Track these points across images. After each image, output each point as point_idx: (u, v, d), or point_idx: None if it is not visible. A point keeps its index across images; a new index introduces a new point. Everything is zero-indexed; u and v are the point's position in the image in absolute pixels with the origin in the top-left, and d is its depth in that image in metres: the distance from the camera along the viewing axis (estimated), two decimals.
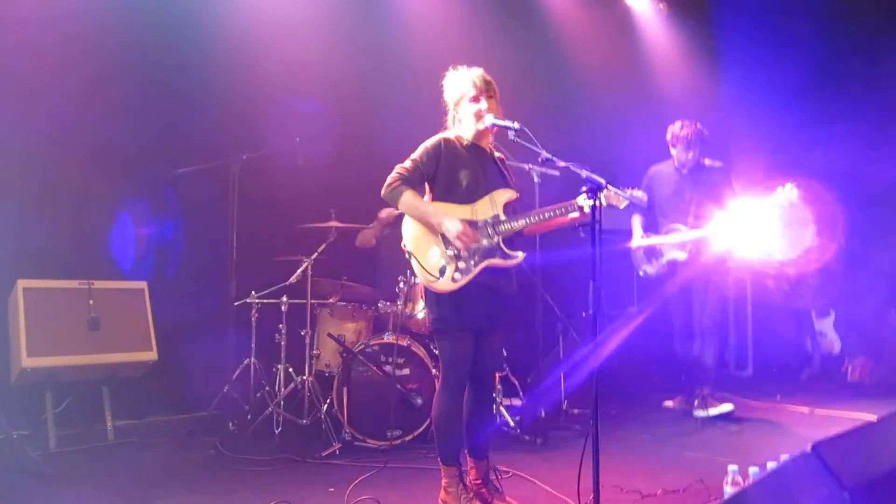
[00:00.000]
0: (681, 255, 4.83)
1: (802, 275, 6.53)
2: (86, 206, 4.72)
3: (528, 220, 3.01)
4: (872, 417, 3.02)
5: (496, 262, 2.99)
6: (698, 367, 4.85)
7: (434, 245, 2.99)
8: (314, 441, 4.14)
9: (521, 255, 3.03)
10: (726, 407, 4.70)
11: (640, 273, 5.12)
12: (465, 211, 3.01)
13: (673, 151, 4.94)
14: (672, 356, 5.35)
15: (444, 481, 3.08)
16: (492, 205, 3.03)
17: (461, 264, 2.95)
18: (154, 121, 4.88)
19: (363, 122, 5.55)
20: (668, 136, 4.94)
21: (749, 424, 4.65)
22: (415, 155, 3.08)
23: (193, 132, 4.95)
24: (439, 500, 3.07)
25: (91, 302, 4.23)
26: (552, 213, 3.01)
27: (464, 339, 3.00)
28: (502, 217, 3.03)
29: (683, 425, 4.68)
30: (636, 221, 5.06)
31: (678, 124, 4.88)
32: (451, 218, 2.94)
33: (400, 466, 3.73)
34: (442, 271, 2.95)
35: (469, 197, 3.03)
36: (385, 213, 4.83)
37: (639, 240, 4.99)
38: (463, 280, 2.95)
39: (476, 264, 2.96)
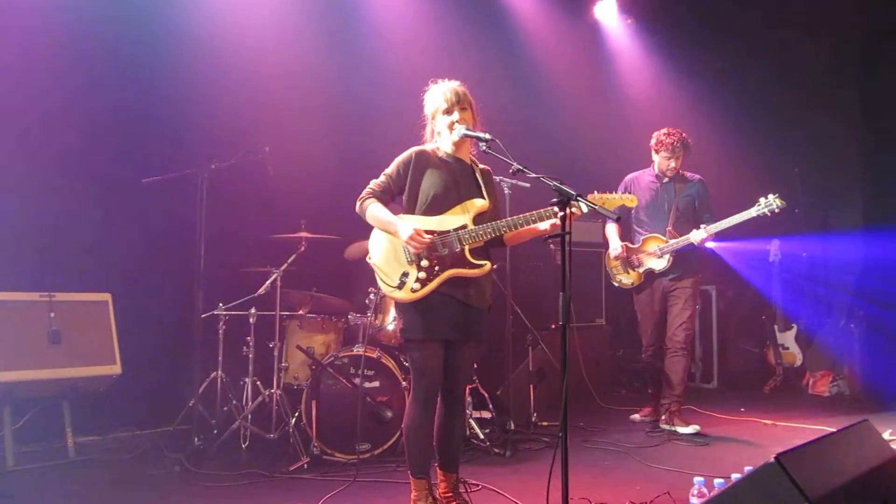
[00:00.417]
0: (660, 265, 4.83)
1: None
2: (48, 216, 4.62)
3: (495, 229, 3.00)
4: (832, 429, 3.09)
5: (460, 271, 2.99)
6: (666, 380, 4.89)
7: (397, 256, 3.02)
8: (282, 455, 4.09)
9: (487, 265, 3.02)
10: (693, 428, 4.69)
11: (615, 283, 5.09)
12: (431, 222, 3.02)
13: (655, 158, 4.95)
14: (640, 368, 5.40)
15: (413, 494, 3.07)
16: (462, 215, 3.04)
17: (421, 275, 2.97)
18: (120, 129, 4.81)
19: (334, 131, 5.55)
20: (653, 142, 4.94)
21: (714, 437, 4.71)
22: (388, 169, 3.13)
23: (160, 141, 4.89)
24: None
25: (52, 314, 4.14)
26: (524, 221, 2.99)
27: (432, 348, 3.00)
28: (470, 226, 3.02)
29: (650, 438, 4.72)
30: (613, 230, 5.03)
31: (664, 131, 4.89)
32: (405, 224, 2.95)
33: (369, 480, 3.70)
34: (402, 282, 2.97)
35: (439, 208, 3.04)
36: None
37: (618, 248, 4.93)
38: (422, 290, 2.96)
39: (437, 274, 2.97)
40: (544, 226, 3.01)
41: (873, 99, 6.33)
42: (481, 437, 4.38)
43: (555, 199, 2.61)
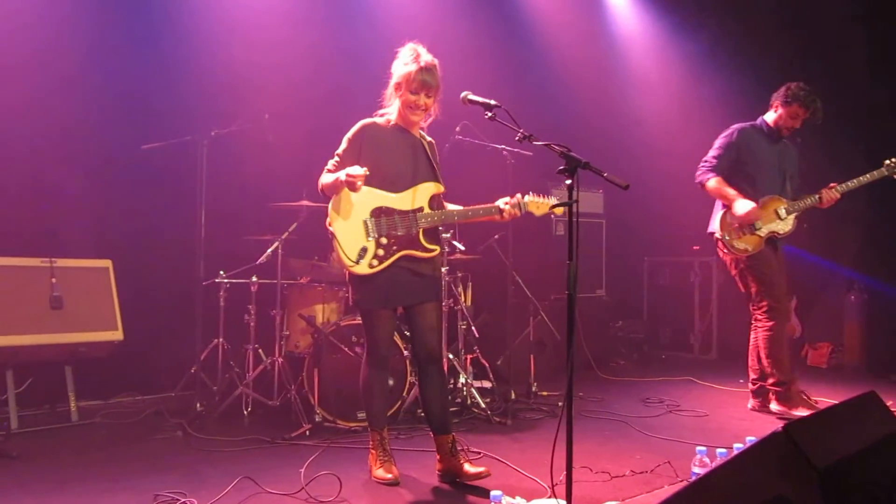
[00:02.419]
0: (785, 228, 4.45)
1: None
2: (49, 183, 4.59)
3: (449, 217, 3.20)
4: (832, 401, 3.10)
5: (414, 253, 3.12)
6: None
7: (356, 230, 3.09)
8: (284, 422, 4.10)
9: (437, 249, 3.19)
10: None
11: (729, 251, 4.49)
12: (389, 198, 3.12)
13: (778, 111, 4.48)
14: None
15: (370, 444, 3.27)
16: (417, 197, 3.15)
17: (380, 252, 3.08)
18: (120, 95, 4.75)
19: (337, 99, 5.47)
20: (782, 94, 4.45)
21: (713, 408, 4.73)
22: (339, 149, 3.22)
23: (160, 107, 4.83)
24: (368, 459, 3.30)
25: (54, 280, 4.13)
26: (474, 213, 3.19)
27: (384, 317, 3.17)
28: (426, 210, 3.15)
29: (649, 408, 4.75)
30: (723, 183, 4.45)
31: (799, 84, 4.42)
32: (351, 168, 2.99)
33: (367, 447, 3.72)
34: (360, 256, 3.07)
35: (393, 185, 3.14)
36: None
37: (746, 205, 4.33)
38: (379, 267, 3.08)
39: (394, 253, 3.09)
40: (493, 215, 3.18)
41: (880, 58, 6.22)
42: (482, 406, 4.40)
43: (562, 167, 2.58)
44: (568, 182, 2.55)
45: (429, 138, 3.33)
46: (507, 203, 3.15)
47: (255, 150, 4.86)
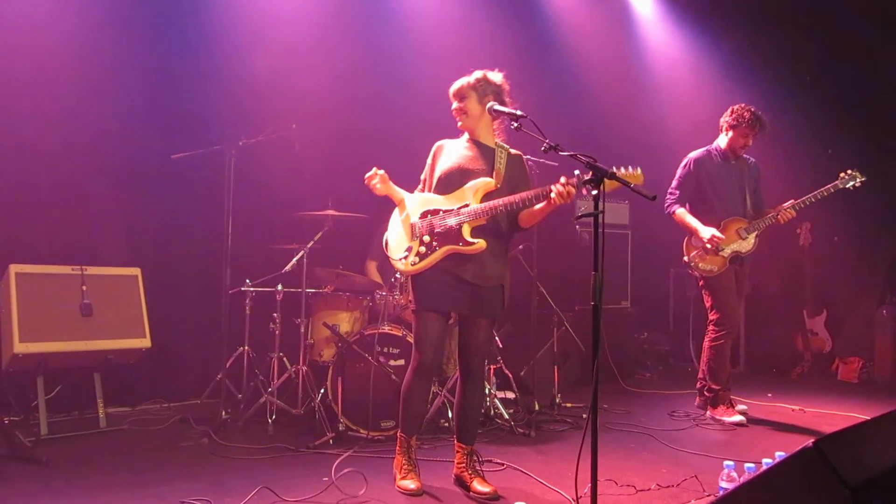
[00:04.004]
0: (746, 247, 4.56)
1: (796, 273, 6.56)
2: (79, 191, 4.68)
3: (493, 209, 3.02)
4: (863, 416, 3.03)
5: (457, 248, 3.07)
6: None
7: (402, 230, 3.19)
8: (308, 431, 4.12)
9: (482, 243, 3.05)
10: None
11: (696, 273, 4.66)
12: (437, 200, 3.15)
13: (728, 134, 4.62)
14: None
15: (397, 448, 3.26)
16: (466, 194, 3.11)
17: (422, 249, 3.11)
18: (149, 105, 4.84)
19: (362, 110, 5.53)
20: (729, 118, 4.60)
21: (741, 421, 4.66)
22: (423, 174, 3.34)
23: (189, 117, 4.91)
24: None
25: (84, 288, 4.20)
26: (522, 201, 2.97)
27: (430, 320, 3.13)
28: (473, 205, 3.07)
29: (675, 421, 4.69)
30: (686, 212, 4.66)
31: (742, 106, 4.56)
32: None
33: (391, 457, 3.71)
34: (405, 255, 3.13)
35: (446, 188, 3.16)
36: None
37: (712, 230, 4.51)
38: (421, 264, 3.09)
39: (435, 249, 3.09)
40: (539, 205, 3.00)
41: None
42: (506, 417, 4.38)
43: (587, 178, 2.58)
44: (594, 193, 2.54)
45: (513, 151, 3.23)
46: (556, 187, 2.85)
47: (282, 159, 4.92)
